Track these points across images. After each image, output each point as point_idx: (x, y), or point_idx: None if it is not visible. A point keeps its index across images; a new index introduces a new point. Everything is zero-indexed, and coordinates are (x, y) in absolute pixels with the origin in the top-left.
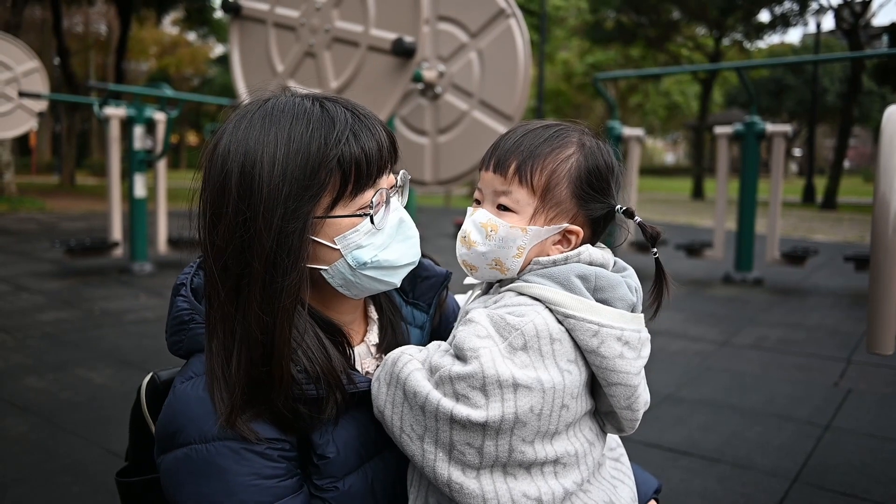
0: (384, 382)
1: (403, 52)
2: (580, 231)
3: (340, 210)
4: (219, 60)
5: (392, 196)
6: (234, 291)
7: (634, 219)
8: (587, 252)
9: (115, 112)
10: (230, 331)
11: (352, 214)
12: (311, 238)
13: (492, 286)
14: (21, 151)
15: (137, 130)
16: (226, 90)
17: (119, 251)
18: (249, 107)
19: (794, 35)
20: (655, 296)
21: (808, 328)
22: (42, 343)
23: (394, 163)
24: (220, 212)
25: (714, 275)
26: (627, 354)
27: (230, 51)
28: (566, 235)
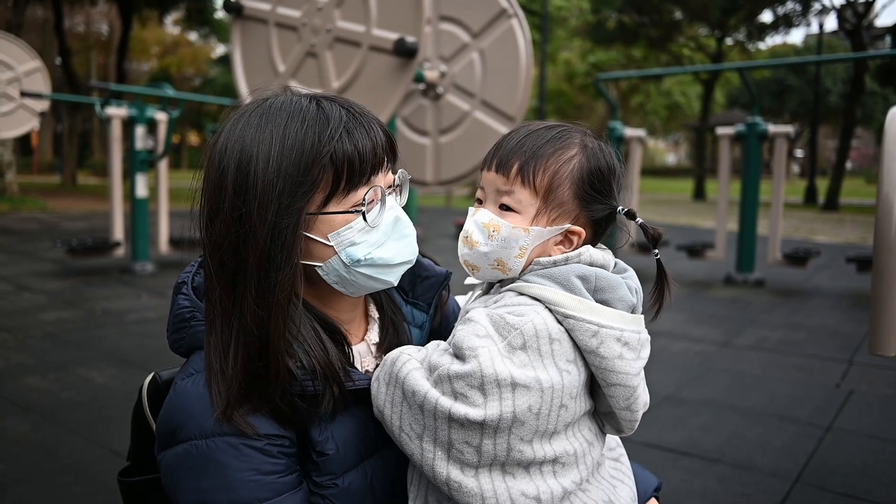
0: (383, 382)
1: (405, 53)
2: (582, 232)
3: (334, 207)
4: (220, 60)
5: (389, 195)
6: (231, 286)
7: (636, 220)
8: (588, 253)
9: (117, 112)
10: (227, 325)
11: (344, 211)
12: (305, 234)
13: (492, 286)
14: (23, 151)
15: (139, 130)
16: (227, 90)
17: (121, 251)
18: (248, 106)
19: (797, 35)
20: (657, 297)
21: (810, 329)
22: (44, 343)
23: (392, 162)
24: (217, 207)
25: (715, 276)
26: (627, 355)
27: (232, 51)
28: (568, 236)
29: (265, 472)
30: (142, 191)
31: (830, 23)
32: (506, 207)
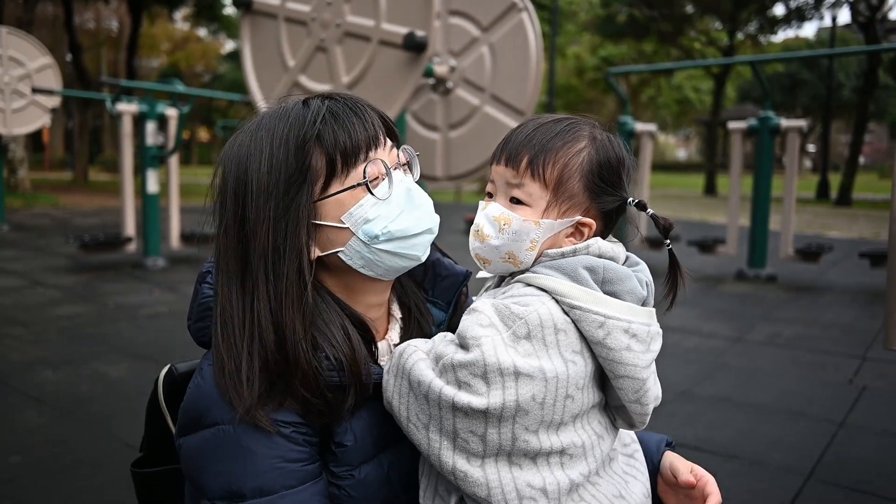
0: (392, 374)
1: (415, 47)
2: (593, 223)
3: (335, 189)
4: (229, 56)
5: (395, 170)
6: (241, 286)
7: (647, 211)
8: (596, 245)
9: (128, 108)
10: (242, 324)
11: (345, 188)
12: (316, 222)
13: (504, 279)
14: (34, 147)
15: (149, 126)
16: (236, 86)
17: (132, 246)
18: (248, 121)
19: (809, 29)
20: (670, 287)
21: (823, 325)
22: (58, 337)
23: (392, 139)
24: (223, 214)
25: (727, 271)
26: (635, 347)
27: (241, 46)
28: (579, 228)
29: (290, 460)
30: (153, 186)
31: (843, 16)
32: (516, 201)
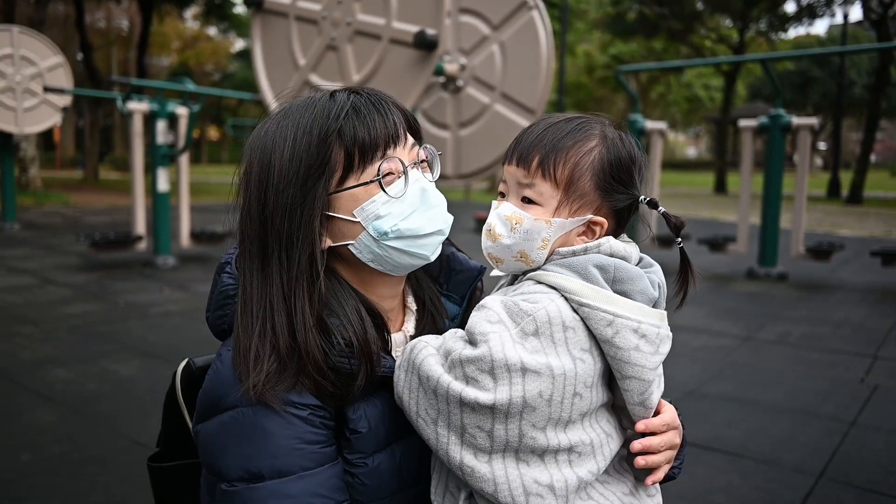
0: (402, 369)
1: (426, 45)
2: (604, 222)
3: (351, 183)
4: (239, 55)
5: (412, 168)
6: (261, 270)
7: (658, 209)
8: (608, 244)
9: (138, 107)
10: (261, 307)
11: (360, 184)
12: (329, 214)
13: (516, 278)
14: (45, 146)
15: (160, 125)
16: (246, 84)
17: (143, 245)
18: (276, 108)
19: (821, 26)
20: (680, 286)
21: (834, 324)
22: (68, 335)
23: (415, 137)
24: (247, 200)
25: (737, 270)
26: (644, 348)
27: (252, 45)
28: (591, 227)
29: (308, 442)
30: (163, 185)
31: (855, 13)
32: (528, 200)
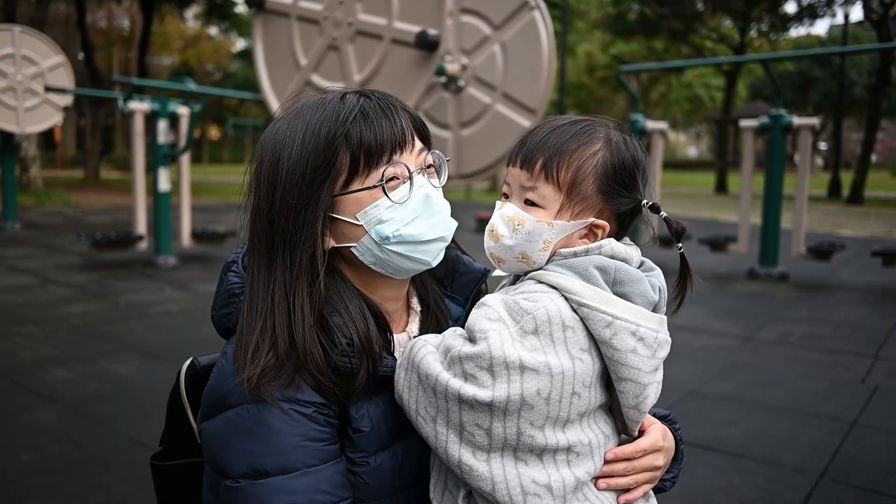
0: (402, 367)
1: (427, 45)
2: (606, 225)
3: (356, 187)
4: (240, 55)
5: (418, 174)
6: (267, 267)
7: (660, 214)
8: (609, 246)
9: (140, 106)
10: (265, 303)
11: (363, 188)
12: (333, 215)
13: (518, 278)
14: (46, 146)
15: (161, 125)
16: (247, 84)
17: (144, 244)
18: (288, 106)
19: (821, 26)
20: (679, 290)
21: (835, 324)
22: (69, 335)
23: (423, 141)
24: (256, 198)
25: (738, 270)
26: (641, 351)
27: (254, 45)
28: (592, 230)
29: (312, 439)
30: (164, 185)
31: (856, 13)
32: (530, 202)
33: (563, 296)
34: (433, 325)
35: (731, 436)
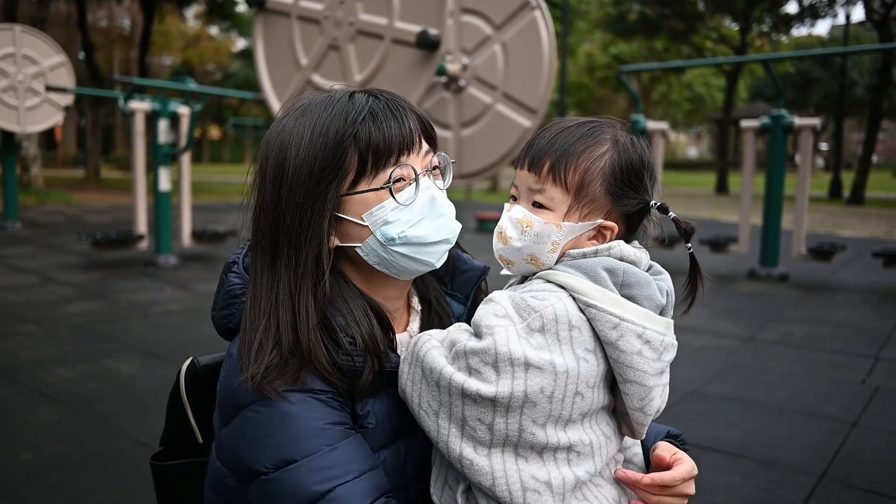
0: (406, 362)
1: (428, 45)
2: (614, 227)
3: (362, 188)
4: (241, 54)
5: (424, 176)
6: (271, 265)
7: (669, 214)
8: (618, 247)
9: (140, 106)
10: (268, 301)
11: (370, 189)
12: (339, 215)
13: (526, 279)
14: (47, 145)
15: (162, 124)
16: (248, 84)
17: (144, 244)
18: (295, 103)
19: (823, 27)
20: (689, 290)
21: (835, 324)
22: (70, 334)
23: (430, 143)
24: (261, 195)
25: (739, 270)
26: (647, 354)
27: (254, 44)
28: (601, 231)
29: (332, 423)
30: (165, 184)
31: (857, 13)
32: (538, 205)
33: (571, 296)
34: (435, 324)
35: (732, 436)
